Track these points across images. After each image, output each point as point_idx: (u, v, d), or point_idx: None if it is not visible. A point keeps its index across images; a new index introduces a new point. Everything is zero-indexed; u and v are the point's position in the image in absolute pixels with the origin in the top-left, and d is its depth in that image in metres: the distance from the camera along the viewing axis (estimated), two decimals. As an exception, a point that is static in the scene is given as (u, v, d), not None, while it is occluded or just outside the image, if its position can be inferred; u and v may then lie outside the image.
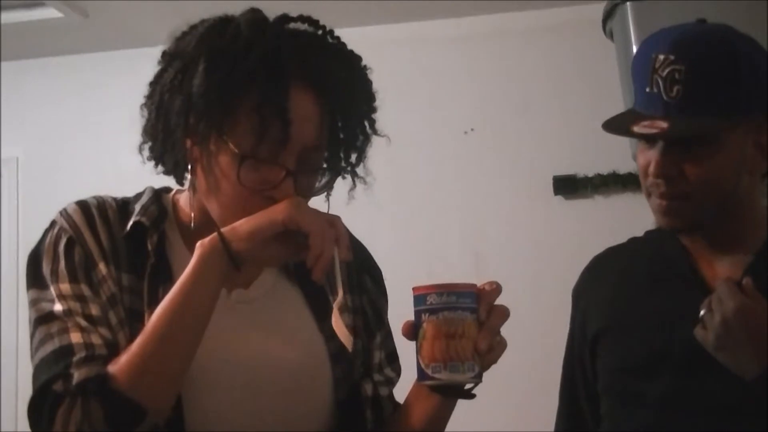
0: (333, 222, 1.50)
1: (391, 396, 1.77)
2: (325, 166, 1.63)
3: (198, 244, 1.48)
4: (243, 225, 1.47)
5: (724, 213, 1.87)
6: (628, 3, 3.89)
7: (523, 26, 4.70)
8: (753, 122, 1.84)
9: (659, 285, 1.96)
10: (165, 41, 1.64)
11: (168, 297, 1.46)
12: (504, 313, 1.51)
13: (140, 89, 1.66)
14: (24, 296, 1.62)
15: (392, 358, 1.79)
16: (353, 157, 1.64)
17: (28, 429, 1.49)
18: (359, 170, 1.66)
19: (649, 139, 1.86)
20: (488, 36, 4.73)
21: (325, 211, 1.57)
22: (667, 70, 1.81)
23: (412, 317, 1.50)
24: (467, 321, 1.46)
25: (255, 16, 1.58)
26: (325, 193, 1.65)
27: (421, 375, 1.48)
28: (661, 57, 1.82)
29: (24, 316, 4.20)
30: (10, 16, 4.62)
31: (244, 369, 1.57)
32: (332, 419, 1.65)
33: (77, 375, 1.43)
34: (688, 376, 1.84)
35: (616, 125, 1.90)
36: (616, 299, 2.00)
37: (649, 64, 1.83)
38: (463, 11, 4.69)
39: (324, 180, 1.63)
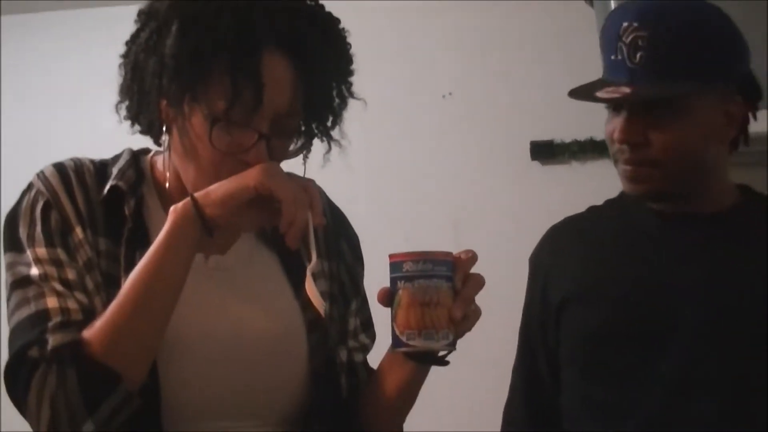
0: (306, 186, 1.50)
1: (365, 362, 1.78)
2: (302, 129, 1.62)
3: (171, 209, 1.48)
4: (216, 190, 1.47)
5: (692, 181, 1.89)
6: (608, -31, 3.88)
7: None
8: (720, 91, 1.86)
9: (629, 250, 1.97)
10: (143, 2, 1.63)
11: (141, 263, 1.46)
12: (479, 282, 1.52)
13: (118, 45, 1.66)
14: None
15: (367, 325, 1.80)
16: (329, 121, 1.64)
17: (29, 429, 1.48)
18: (335, 133, 1.65)
19: (614, 106, 1.88)
20: (468, 1, 4.71)
21: (302, 174, 1.56)
22: (630, 37, 1.83)
23: (387, 284, 1.50)
24: (442, 289, 1.47)
25: None
26: (302, 156, 1.64)
27: (396, 342, 1.49)
28: (625, 24, 1.85)
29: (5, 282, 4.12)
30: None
31: (220, 336, 1.58)
32: (308, 387, 1.65)
33: (52, 341, 1.43)
34: (660, 344, 1.85)
35: (582, 92, 1.93)
36: (582, 267, 2.01)
37: (615, 32, 1.86)
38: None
39: (299, 143, 1.63)
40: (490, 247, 1.98)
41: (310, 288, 1.50)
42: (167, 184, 1.63)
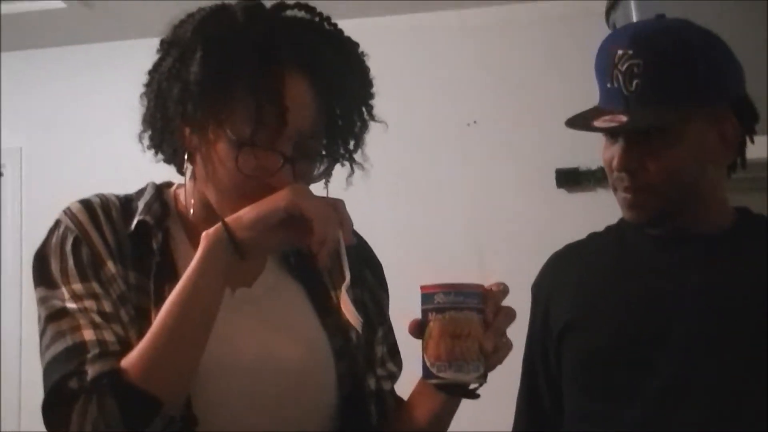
0: (336, 206, 1.50)
1: (393, 390, 1.77)
2: (323, 153, 1.63)
3: (203, 234, 1.49)
4: (246, 213, 1.47)
5: (689, 204, 1.89)
6: (631, -5, 3.89)
7: (526, 18, 4.68)
8: (713, 113, 1.86)
9: (627, 276, 1.97)
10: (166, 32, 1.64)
11: (176, 289, 1.47)
12: (510, 315, 1.51)
13: (141, 80, 1.67)
14: (27, 289, 1.62)
15: (393, 352, 1.79)
16: (351, 144, 1.65)
17: (31, 428, 1.49)
18: (357, 157, 1.66)
19: (611, 134, 1.89)
20: (492, 27, 4.72)
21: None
22: (626, 65, 1.84)
23: (413, 311, 1.50)
24: (474, 321, 1.46)
25: (250, 3, 1.59)
26: (324, 181, 1.65)
27: (427, 373, 1.48)
28: (620, 52, 1.86)
29: (28, 310, 4.19)
30: (14, 6, 4.62)
31: (250, 366, 1.57)
32: (337, 415, 1.65)
33: (91, 371, 1.43)
34: (658, 366, 1.85)
35: (578, 121, 1.93)
36: (582, 292, 2.01)
37: (609, 59, 1.87)
38: (467, 3, 4.68)
39: (322, 167, 1.63)
40: (514, 274, 1.95)
41: (346, 304, 1.50)
42: (191, 212, 1.64)
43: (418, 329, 1.48)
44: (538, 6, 4.66)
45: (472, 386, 1.53)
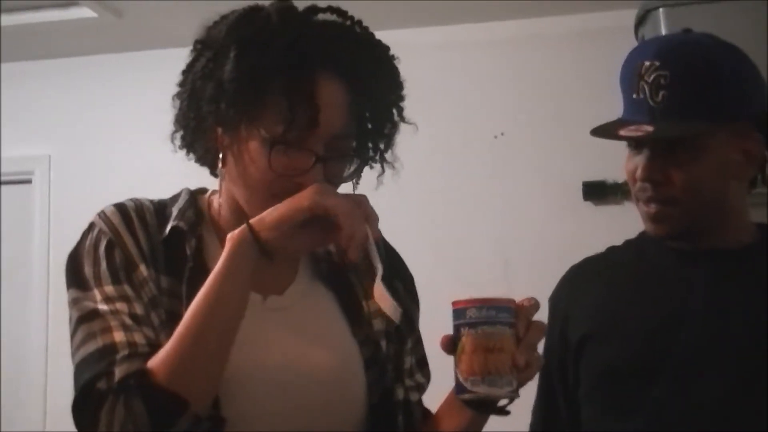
0: (359, 201, 1.51)
1: (420, 402, 1.77)
2: (354, 153, 1.64)
3: (228, 236, 1.50)
4: (270, 214, 1.49)
5: (711, 219, 1.89)
6: (660, 9, 3.88)
7: (555, 31, 4.69)
8: (738, 129, 1.85)
9: (645, 288, 1.96)
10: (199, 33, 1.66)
11: (203, 290, 1.48)
12: (541, 329, 1.51)
13: (172, 89, 1.68)
14: (54, 294, 1.63)
15: (422, 364, 1.80)
16: (381, 145, 1.66)
17: (56, 429, 1.50)
18: (388, 156, 1.67)
19: (637, 145, 1.89)
20: (520, 40, 4.73)
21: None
22: (653, 76, 1.84)
23: (440, 322, 1.50)
24: (506, 335, 1.46)
25: (283, 5, 1.61)
26: (353, 181, 1.66)
27: (460, 388, 1.48)
28: (647, 63, 1.85)
29: (54, 314, 4.22)
30: (45, 15, 4.65)
31: (280, 373, 1.58)
32: (366, 423, 1.65)
33: (118, 372, 1.44)
34: (677, 381, 1.84)
35: (604, 131, 1.93)
36: (600, 305, 2.01)
37: (635, 71, 1.87)
38: (495, 15, 4.68)
39: (352, 167, 1.64)
40: (540, 286, 1.95)
41: (382, 294, 1.50)
42: (219, 211, 1.66)
43: (451, 344, 1.48)
44: (567, 19, 4.66)
45: (502, 403, 1.53)
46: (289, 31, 1.55)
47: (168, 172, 1.76)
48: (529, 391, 2.08)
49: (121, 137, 5.06)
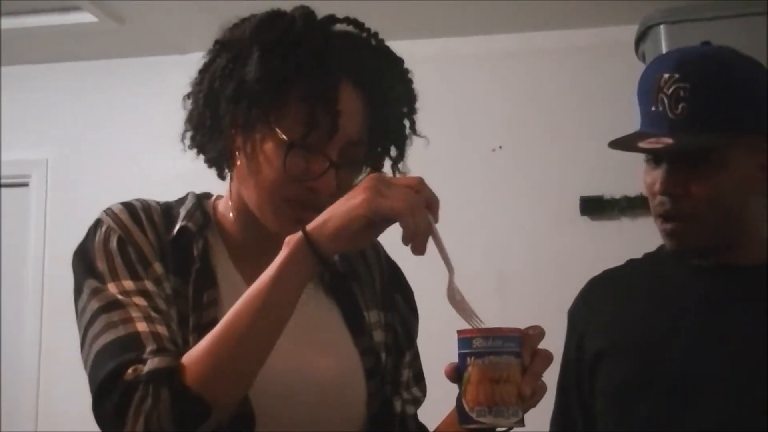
0: (418, 188, 1.45)
1: (416, 416, 1.77)
2: (365, 162, 1.65)
3: (286, 240, 1.44)
4: (327, 223, 1.42)
5: (729, 234, 1.88)
6: (661, 26, 3.90)
7: (554, 46, 4.69)
8: (757, 142, 1.85)
9: (663, 304, 1.96)
10: (197, 49, 1.66)
11: (248, 295, 1.43)
12: (547, 358, 1.49)
13: (170, 96, 1.68)
14: (49, 298, 1.62)
15: (419, 378, 1.79)
16: (393, 155, 1.68)
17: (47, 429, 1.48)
18: (400, 167, 1.68)
19: (655, 158, 1.87)
20: (519, 54, 4.74)
21: None
22: (672, 88, 1.82)
23: (432, 333, 1.49)
24: (512, 365, 1.44)
25: (306, 11, 1.62)
26: None
27: (465, 418, 1.45)
28: (666, 76, 1.84)
29: (48, 317, 4.20)
30: (45, 20, 4.65)
31: (281, 379, 1.57)
32: None
33: (150, 364, 1.41)
34: (691, 400, 1.83)
35: (622, 143, 1.92)
36: (616, 320, 2.00)
37: (654, 83, 1.86)
38: (495, 29, 4.69)
39: (362, 176, 1.64)
40: (534, 300, 1.96)
41: (459, 301, 1.51)
42: (226, 215, 1.66)
43: (455, 373, 1.46)
44: (566, 34, 4.67)
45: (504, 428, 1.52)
46: (314, 37, 1.56)
47: (165, 179, 1.76)
48: (547, 404, 2.09)
49: (119, 143, 5.06)
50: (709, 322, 1.86)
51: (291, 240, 1.44)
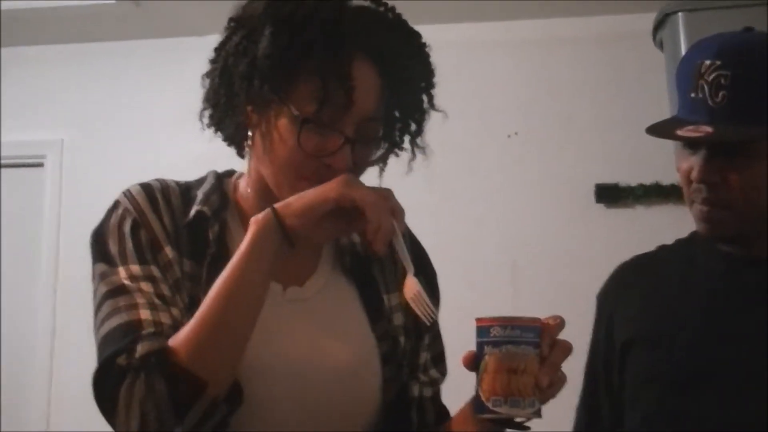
0: (386, 195, 1.50)
1: (434, 397, 1.76)
2: (382, 137, 1.64)
3: (252, 220, 1.49)
4: (296, 201, 1.48)
5: (762, 224, 1.86)
6: (679, 13, 3.87)
7: (570, 33, 4.68)
8: None
9: (695, 293, 1.94)
10: (214, 32, 1.65)
11: (224, 272, 1.47)
12: (566, 349, 1.48)
13: (187, 78, 1.68)
14: (63, 279, 1.63)
15: (439, 359, 1.78)
16: (412, 130, 1.66)
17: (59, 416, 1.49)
18: (419, 142, 1.67)
19: (692, 145, 1.85)
20: (535, 41, 4.72)
21: (378, 185, 1.57)
22: (713, 75, 1.79)
23: (445, 321, 1.48)
24: (530, 356, 1.43)
25: None
26: (379, 168, 1.66)
27: (480, 407, 1.45)
28: (707, 62, 1.81)
29: (62, 298, 4.22)
30: (64, 2, 4.65)
31: (297, 365, 1.58)
32: (379, 419, 1.65)
33: (140, 349, 1.44)
34: (721, 393, 1.82)
35: (660, 129, 1.89)
36: (647, 308, 1.98)
37: (694, 70, 1.82)
38: (512, 15, 4.67)
39: (379, 152, 1.64)
40: (547, 288, 1.95)
41: (415, 294, 1.50)
42: (245, 194, 1.66)
43: (473, 362, 1.46)
44: (583, 21, 4.65)
45: (520, 419, 1.50)
46: (327, 12, 1.55)
47: (181, 161, 1.76)
48: (577, 386, 2.08)
49: (135, 124, 5.07)
50: (743, 313, 1.85)
51: (258, 217, 1.49)
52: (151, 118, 4.99)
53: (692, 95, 1.82)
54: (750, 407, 1.79)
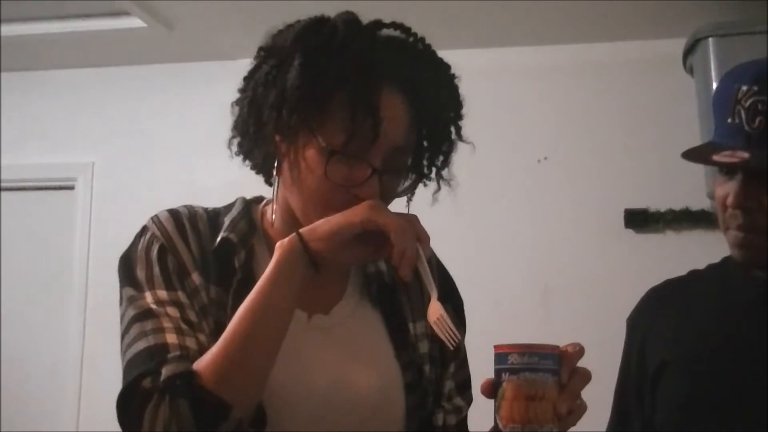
0: (411, 220, 1.50)
1: (459, 424, 1.75)
2: (410, 169, 1.64)
3: (277, 244, 1.50)
4: (321, 226, 1.48)
5: None
6: (710, 38, 3.87)
7: (599, 58, 4.67)
8: None
9: (728, 319, 1.93)
10: (246, 56, 1.66)
11: (250, 296, 1.48)
12: (586, 377, 1.46)
13: (219, 102, 1.68)
14: (93, 301, 1.64)
15: (464, 387, 1.78)
16: (438, 162, 1.66)
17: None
18: (444, 174, 1.67)
19: (728, 170, 1.84)
20: (565, 66, 4.72)
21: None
22: (750, 101, 1.79)
23: (475, 346, 1.48)
24: (548, 383, 1.42)
25: (350, 17, 1.61)
26: (407, 198, 1.66)
27: None
28: (744, 88, 1.80)
29: (92, 320, 4.23)
30: (95, 24, 4.69)
31: (321, 392, 1.57)
32: None
33: (165, 372, 1.44)
34: (753, 420, 1.81)
35: (696, 155, 1.88)
36: (680, 333, 1.97)
37: (731, 95, 1.81)
38: (541, 40, 4.68)
39: (407, 183, 1.64)
40: (578, 313, 1.95)
41: (439, 319, 1.49)
42: (272, 221, 1.66)
43: (491, 389, 1.45)
44: (612, 47, 4.64)
45: None
46: (357, 43, 1.55)
47: (213, 185, 1.76)
48: (604, 412, 2.07)
49: (167, 148, 5.10)
50: None
51: (284, 242, 1.49)
52: (182, 142, 5.01)
53: (729, 120, 1.82)
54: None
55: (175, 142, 5.06)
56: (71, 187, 5.29)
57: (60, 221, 5.27)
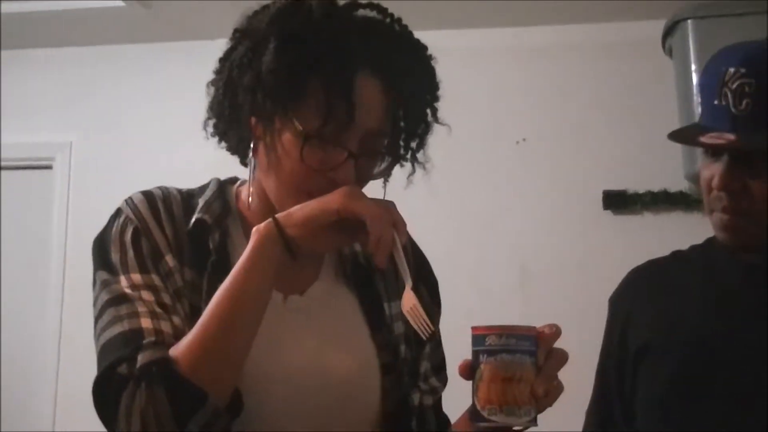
0: (388, 207, 1.50)
1: (435, 405, 1.76)
2: (385, 151, 1.63)
3: (254, 229, 1.49)
4: (297, 211, 1.48)
5: None
6: (689, 20, 3.88)
7: (578, 39, 4.67)
8: None
9: (711, 301, 1.93)
10: (225, 36, 1.65)
11: (226, 282, 1.47)
12: (563, 358, 1.49)
13: (198, 82, 1.68)
14: (71, 281, 1.63)
15: (439, 368, 1.79)
16: (413, 144, 1.66)
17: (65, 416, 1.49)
18: (419, 156, 1.67)
19: (714, 152, 1.84)
20: (544, 47, 4.72)
21: (382, 197, 1.57)
22: (737, 83, 1.79)
23: (453, 326, 1.49)
24: (525, 364, 1.44)
25: (326, 0, 1.60)
26: (383, 180, 1.66)
27: (476, 416, 1.46)
28: (732, 70, 1.80)
29: (70, 300, 4.22)
30: (73, 3, 4.66)
31: (297, 374, 1.57)
32: (380, 428, 1.64)
33: (141, 358, 1.43)
34: (735, 400, 1.82)
35: (682, 136, 1.89)
36: (663, 314, 1.98)
37: (718, 77, 1.82)
38: (520, 21, 4.67)
39: (383, 165, 1.64)
40: (556, 294, 1.95)
41: (412, 308, 1.50)
42: (249, 199, 1.65)
43: (469, 371, 1.47)
44: (592, 28, 4.64)
45: (519, 427, 1.50)
46: (331, 26, 1.55)
47: (191, 165, 1.75)
48: (583, 393, 2.08)
49: (145, 127, 5.07)
50: (762, 322, 1.84)
51: (260, 227, 1.49)
52: (161, 122, 4.99)
53: (715, 102, 1.82)
54: (764, 415, 1.79)
55: (154, 122, 5.04)
56: (49, 167, 5.26)
57: (38, 201, 5.24)
